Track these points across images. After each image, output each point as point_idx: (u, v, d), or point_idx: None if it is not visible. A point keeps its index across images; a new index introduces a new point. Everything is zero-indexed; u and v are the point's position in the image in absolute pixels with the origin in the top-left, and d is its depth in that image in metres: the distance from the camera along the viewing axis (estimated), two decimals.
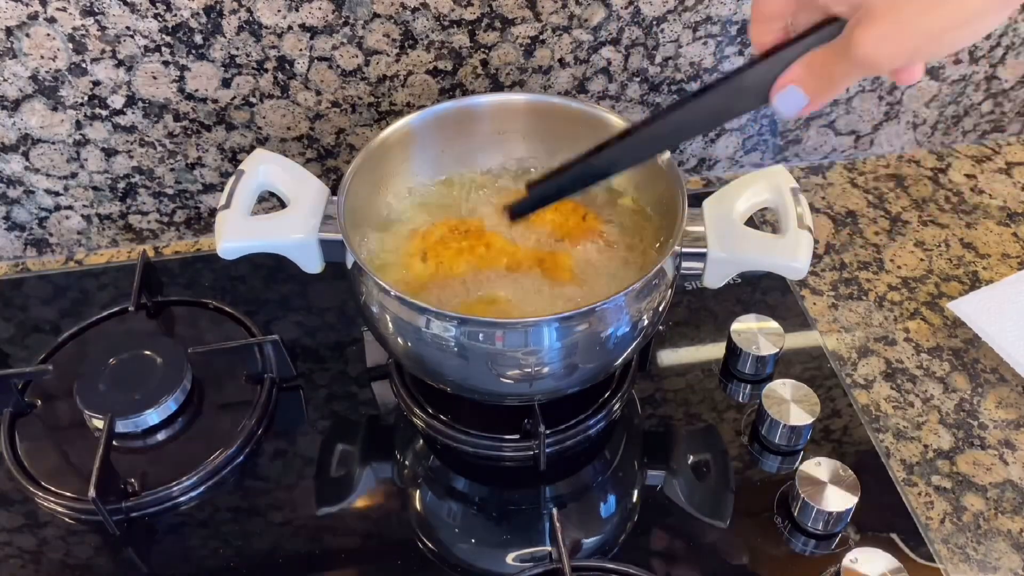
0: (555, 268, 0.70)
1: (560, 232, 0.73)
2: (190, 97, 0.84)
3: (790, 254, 0.65)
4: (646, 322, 0.66)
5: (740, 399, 0.78)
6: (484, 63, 0.87)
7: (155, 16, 0.78)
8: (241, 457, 0.75)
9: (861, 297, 0.88)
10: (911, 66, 0.47)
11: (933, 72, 0.96)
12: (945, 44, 0.43)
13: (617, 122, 0.73)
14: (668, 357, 0.82)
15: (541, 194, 0.57)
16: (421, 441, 0.76)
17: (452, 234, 0.72)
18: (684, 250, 0.66)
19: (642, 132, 0.54)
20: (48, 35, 0.77)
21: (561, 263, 0.70)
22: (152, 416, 0.75)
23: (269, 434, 0.76)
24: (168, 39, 0.79)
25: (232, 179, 0.69)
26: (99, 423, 0.73)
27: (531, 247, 0.73)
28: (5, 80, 0.79)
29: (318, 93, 0.86)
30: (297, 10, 0.79)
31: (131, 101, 0.83)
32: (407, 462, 0.76)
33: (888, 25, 0.42)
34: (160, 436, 0.75)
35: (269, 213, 0.69)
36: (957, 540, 0.69)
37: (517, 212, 0.59)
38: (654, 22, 0.87)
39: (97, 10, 0.77)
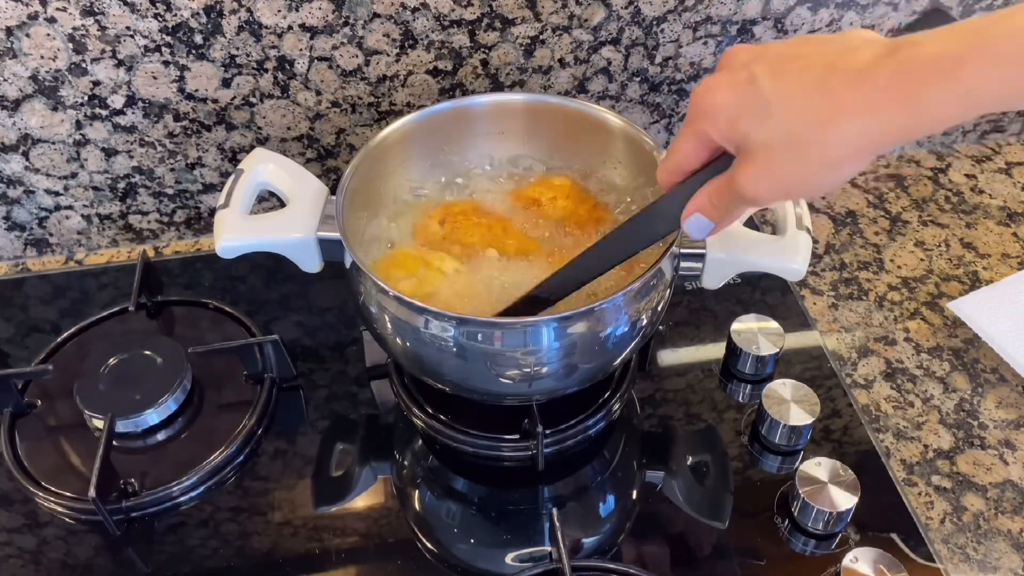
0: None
1: (572, 219, 0.74)
2: (190, 97, 0.84)
3: (789, 255, 0.65)
4: (645, 322, 0.66)
5: (740, 399, 0.78)
6: (484, 63, 0.87)
7: (155, 16, 0.78)
8: (241, 457, 0.75)
9: (861, 297, 0.88)
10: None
11: None
12: (812, 187, 0.49)
13: (617, 122, 0.73)
14: (668, 357, 0.82)
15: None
16: (420, 441, 0.76)
17: (474, 211, 0.74)
18: (683, 250, 0.66)
19: (573, 265, 0.62)
20: (48, 35, 0.77)
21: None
22: (152, 416, 0.75)
23: (269, 434, 0.76)
24: (168, 39, 0.79)
25: (231, 178, 0.69)
26: (99, 423, 0.73)
27: (544, 239, 0.73)
28: (5, 80, 0.79)
29: (318, 93, 0.86)
30: (297, 10, 0.80)
31: (131, 101, 0.83)
32: (406, 462, 0.76)
33: (760, 168, 0.48)
34: (160, 436, 0.76)
35: (268, 212, 0.69)
36: (957, 540, 0.69)
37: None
38: (654, 22, 0.87)
39: (97, 10, 0.77)
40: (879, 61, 0.44)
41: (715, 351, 0.82)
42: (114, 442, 0.73)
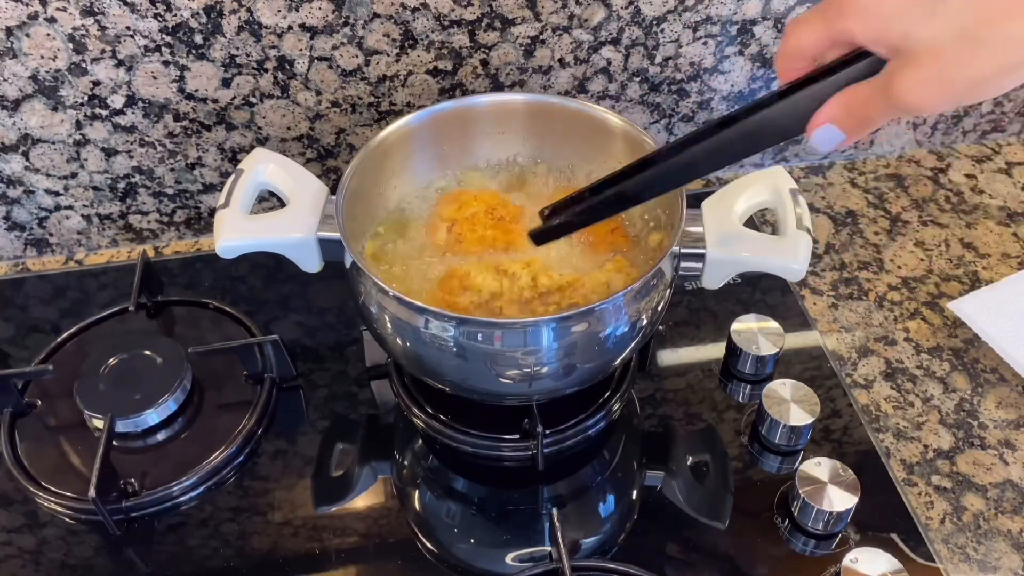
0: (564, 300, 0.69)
1: (587, 239, 0.73)
2: (190, 97, 0.84)
3: (789, 255, 0.65)
4: (645, 322, 0.66)
5: (740, 399, 0.78)
6: (484, 63, 0.87)
7: (155, 16, 0.78)
8: (241, 457, 0.75)
9: (861, 297, 0.88)
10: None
11: None
12: (985, 91, 0.44)
13: (617, 122, 0.73)
14: (668, 357, 0.82)
15: (564, 222, 0.57)
16: (420, 441, 0.76)
17: (486, 216, 0.73)
18: (683, 250, 0.66)
19: (668, 161, 0.53)
20: (48, 35, 0.77)
21: (572, 297, 0.69)
22: (152, 416, 0.75)
23: (269, 434, 0.76)
24: (168, 39, 0.79)
25: (231, 178, 0.69)
26: (99, 423, 0.73)
27: (551, 260, 0.72)
28: (5, 80, 0.79)
29: (318, 93, 0.86)
30: (297, 10, 0.80)
31: (131, 101, 0.83)
32: (406, 462, 0.76)
33: (931, 70, 0.43)
34: (160, 436, 0.76)
35: (268, 212, 0.69)
36: (957, 540, 0.69)
37: (539, 239, 0.59)
38: (654, 22, 0.87)
39: (97, 10, 0.77)
40: None
41: (715, 351, 0.82)
42: (114, 442, 0.73)
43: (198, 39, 0.80)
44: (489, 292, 0.67)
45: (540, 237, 0.59)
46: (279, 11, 0.79)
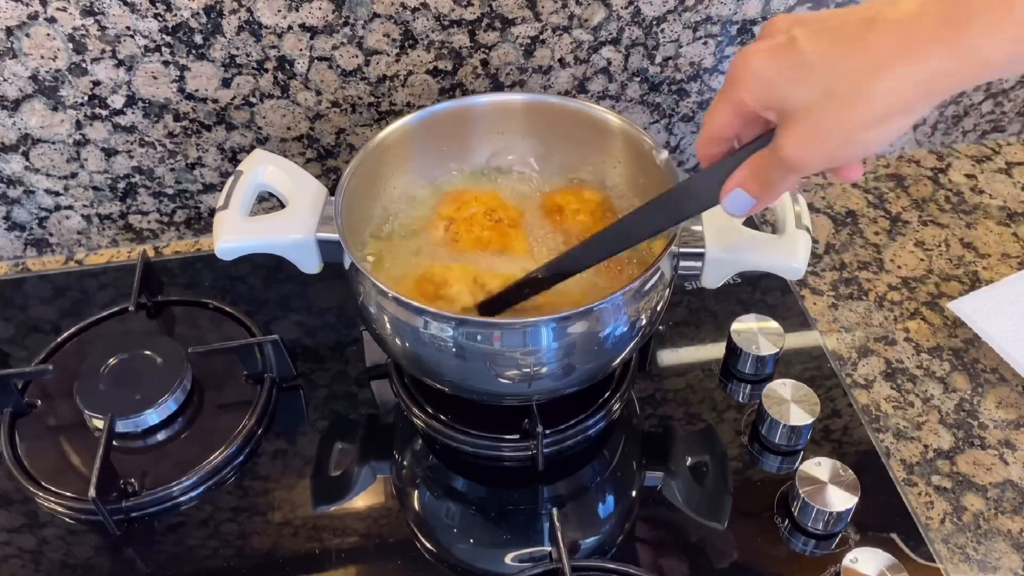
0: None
1: (585, 233, 0.73)
2: (190, 97, 0.84)
3: (788, 254, 0.65)
4: (644, 322, 0.66)
5: (740, 399, 0.78)
6: (484, 63, 0.87)
7: (155, 16, 0.78)
8: (241, 457, 0.75)
9: (861, 297, 0.87)
10: (843, 167, 0.51)
11: None
12: (859, 146, 0.47)
13: (617, 122, 0.73)
14: (668, 357, 0.82)
15: (507, 298, 0.66)
16: (420, 441, 0.76)
17: (484, 217, 0.73)
18: (682, 250, 0.66)
19: (598, 237, 0.61)
20: (48, 35, 0.77)
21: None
22: (152, 416, 0.75)
23: (269, 434, 0.76)
24: (168, 39, 0.79)
25: (231, 180, 0.69)
26: (99, 423, 0.73)
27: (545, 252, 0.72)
28: (5, 80, 0.79)
29: (318, 93, 0.86)
30: (297, 10, 0.80)
31: (131, 101, 0.83)
32: (406, 462, 0.76)
33: (806, 128, 0.46)
34: (160, 436, 0.76)
35: (268, 213, 0.69)
36: (957, 540, 0.69)
37: (486, 311, 0.66)
38: (654, 22, 0.87)
39: (97, 10, 0.77)
40: (923, 7, 0.42)
41: (715, 351, 0.82)
42: (114, 442, 0.73)
43: (198, 39, 0.80)
44: (460, 306, 0.67)
45: (485, 309, 0.66)
46: (279, 11, 0.79)
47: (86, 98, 0.82)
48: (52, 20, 0.77)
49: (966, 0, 0.41)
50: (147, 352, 0.78)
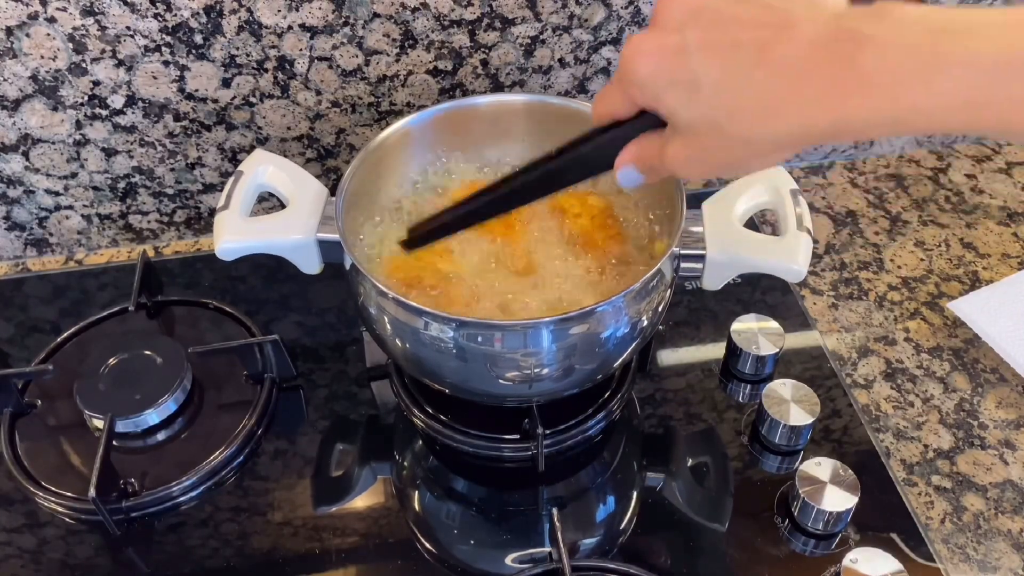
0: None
1: (583, 239, 0.72)
2: (190, 97, 0.84)
3: (789, 256, 0.65)
4: (645, 323, 0.66)
5: (740, 399, 0.78)
6: (484, 63, 0.87)
7: (155, 16, 0.78)
8: (241, 457, 0.75)
9: (861, 297, 0.88)
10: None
11: None
12: (740, 171, 0.51)
13: None
14: (668, 357, 0.82)
15: (427, 233, 0.60)
16: (420, 441, 0.76)
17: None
18: (683, 251, 0.66)
19: (505, 187, 0.57)
20: (48, 35, 0.77)
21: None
22: (152, 416, 0.75)
23: (269, 434, 0.76)
24: (168, 39, 0.79)
25: (231, 180, 0.69)
26: (99, 423, 0.73)
27: (543, 258, 0.72)
28: (5, 80, 0.79)
29: (318, 93, 0.86)
30: (297, 10, 0.79)
31: (131, 101, 0.83)
32: (406, 462, 0.76)
33: (688, 149, 0.47)
34: (160, 436, 0.76)
35: (268, 213, 0.69)
36: (957, 540, 0.69)
37: (409, 245, 0.61)
38: None
39: (97, 10, 0.77)
40: (817, 50, 0.41)
41: (715, 351, 0.82)
42: (114, 442, 0.73)
43: (198, 39, 0.80)
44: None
45: (408, 243, 0.61)
46: (279, 11, 0.79)
47: (86, 98, 0.82)
48: (52, 20, 0.77)
49: (859, 59, 0.39)
50: (147, 352, 0.78)
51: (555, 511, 0.68)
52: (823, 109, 0.41)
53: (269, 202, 0.94)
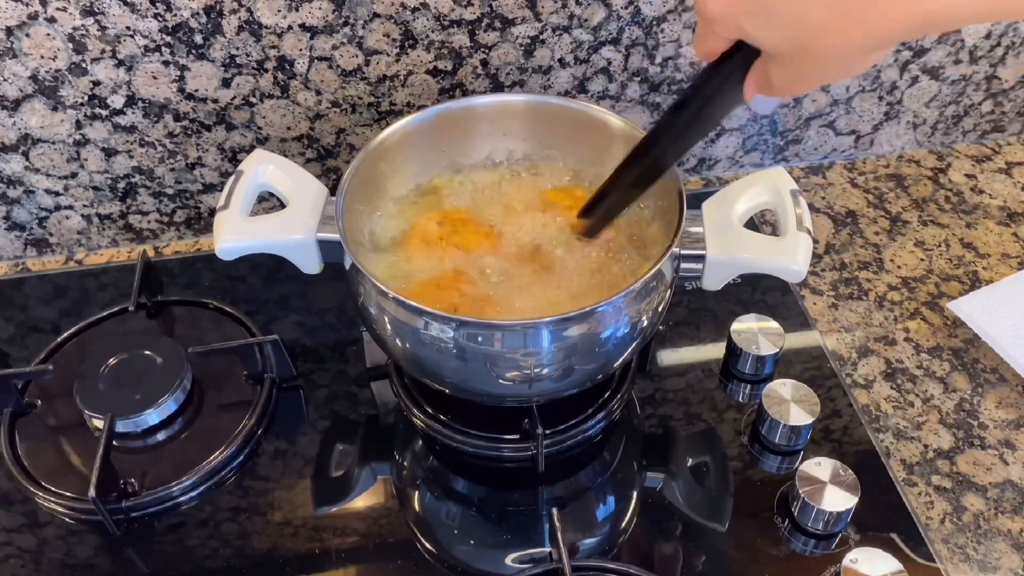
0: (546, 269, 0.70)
1: (575, 230, 0.73)
2: (190, 97, 0.84)
3: (789, 256, 0.65)
4: (645, 323, 0.66)
5: (740, 399, 0.78)
6: (484, 63, 0.87)
7: (155, 16, 0.78)
8: (241, 457, 0.75)
9: (861, 297, 0.88)
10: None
11: (933, 72, 0.96)
12: (840, 77, 0.50)
13: (617, 122, 0.73)
14: (668, 357, 0.82)
15: (602, 215, 0.68)
16: (420, 441, 0.76)
17: (472, 220, 0.74)
18: (683, 252, 0.66)
19: (664, 140, 0.59)
20: (48, 35, 0.77)
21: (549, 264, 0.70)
22: (152, 416, 0.75)
23: (269, 434, 0.76)
24: (168, 39, 0.79)
25: (231, 180, 0.69)
26: (99, 423, 0.73)
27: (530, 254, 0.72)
28: (5, 80, 0.79)
29: (318, 93, 0.86)
30: (297, 10, 0.79)
31: (131, 101, 0.83)
32: (406, 462, 0.76)
33: (791, 73, 0.48)
34: (160, 436, 0.76)
35: (268, 213, 0.69)
36: (957, 540, 0.69)
37: (588, 234, 0.69)
38: (654, 22, 0.87)
39: (97, 10, 0.77)
40: None
41: (715, 351, 0.82)
42: (114, 442, 0.73)
43: (198, 39, 0.80)
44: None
45: (587, 232, 0.69)
46: (279, 11, 0.79)
47: (86, 98, 0.82)
48: (52, 20, 0.77)
49: None
50: (147, 352, 0.78)
51: (555, 511, 0.68)
52: (897, 7, 0.42)
53: (269, 202, 0.94)
